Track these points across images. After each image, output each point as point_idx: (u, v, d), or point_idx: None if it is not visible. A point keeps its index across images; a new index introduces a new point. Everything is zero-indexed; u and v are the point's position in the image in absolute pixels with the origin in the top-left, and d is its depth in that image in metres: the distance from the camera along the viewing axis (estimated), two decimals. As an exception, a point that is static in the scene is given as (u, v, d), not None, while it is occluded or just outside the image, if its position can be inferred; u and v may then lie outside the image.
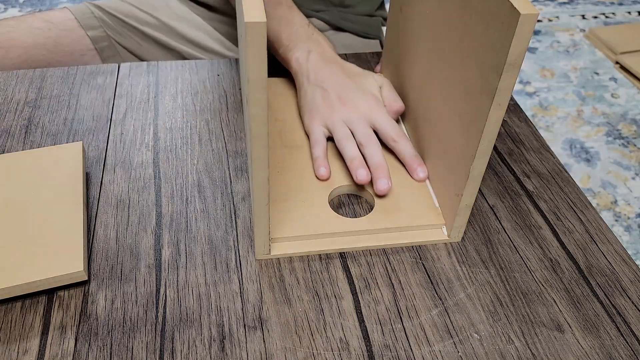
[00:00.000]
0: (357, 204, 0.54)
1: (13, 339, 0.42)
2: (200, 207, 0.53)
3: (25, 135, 0.60)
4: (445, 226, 0.51)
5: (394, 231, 0.51)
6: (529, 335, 0.44)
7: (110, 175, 0.56)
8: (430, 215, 0.52)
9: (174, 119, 0.62)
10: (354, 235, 0.50)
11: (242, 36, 0.39)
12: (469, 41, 0.43)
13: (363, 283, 0.47)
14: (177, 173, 0.56)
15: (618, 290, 0.48)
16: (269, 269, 0.48)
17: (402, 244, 0.50)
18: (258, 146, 0.40)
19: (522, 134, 0.64)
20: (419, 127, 0.56)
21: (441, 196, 0.52)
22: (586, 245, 0.52)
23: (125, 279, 0.47)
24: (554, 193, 0.57)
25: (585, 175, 1.57)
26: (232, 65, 0.71)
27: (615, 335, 0.45)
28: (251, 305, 0.45)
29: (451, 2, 0.46)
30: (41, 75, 0.68)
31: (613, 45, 2.02)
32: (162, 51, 0.85)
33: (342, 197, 0.55)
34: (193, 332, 0.43)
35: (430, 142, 0.54)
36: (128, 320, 0.44)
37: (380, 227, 0.50)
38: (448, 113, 0.49)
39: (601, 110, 1.80)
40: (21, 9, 2.16)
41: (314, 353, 0.42)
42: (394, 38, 0.62)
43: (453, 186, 0.48)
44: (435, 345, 0.43)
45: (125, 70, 0.69)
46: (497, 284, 0.48)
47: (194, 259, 0.48)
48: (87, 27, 0.81)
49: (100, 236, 0.50)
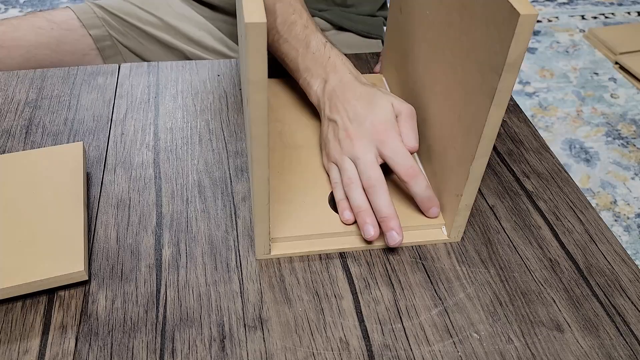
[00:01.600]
0: None
1: (13, 338, 0.42)
2: (200, 207, 0.53)
3: (25, 136, 0.60)
4: (445, 226, 0.51)
5: None
6: (529, 335, 0.44)
7: (111, 175, 0.56)
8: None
9: (175, 119, 0.62)
10: (354, 235, 0.50)
11: (242, 37, 0.39)
12: (468, 42, 0.43)
13: (363, 283, 0.47)
14: (178, 173, 0.56)
15: (617, 290, 0.48)
16: (269, 268, 0.48)
17: (402, 244, 0.50)
18: (258, 146, 0.40)
19: (522, 134, 0.64)
20: (419, 127, 0.56)
21: (441, 196, 0.52)
22: (586, 245, 0.52)
23: (125, 278, 0.47)
24: (553, 193, 0.57)
25: (584, 175, 1.57)
26: (233, 65, 0.71)
27: (614, 335, 0.45)
28: (251, 305, 0.45)
29: (451, 2, 0.46)
30: (42, 75, 0.68)
31: (612, 45, 2.02)
32: (164, 51, 0.85)
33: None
34: (193, 331, 0.43)
35: (430, 142, 0.54)
36: (128, 320, 0.44)
37: None
38: (448, 113, 0.49)
39: (601, 111, 1.80)
40: (22, 9, 2.16)
41: (314, 353, 0.42)
42: (394, 38, 0.63)
43: (453, 186, 0.49)
44: (435, 345, 0.43)
45: (125, 71, 0.69)
46: (496, 284, 0.48)
47: (194, 259, 0.48)
48: (89, 26, 0.81)
49: (100, 236, 0.50)
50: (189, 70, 0.70)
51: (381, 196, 0.49)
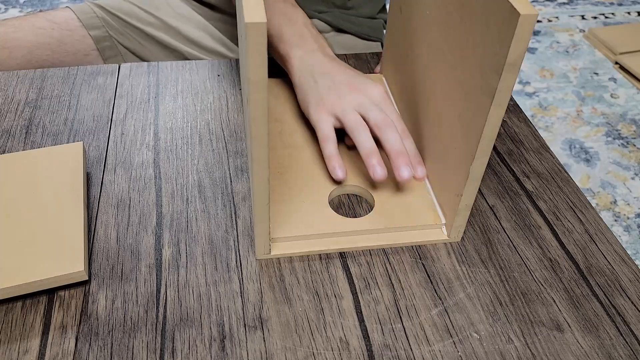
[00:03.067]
0: (357, 204, 0.54)
1: (13, 338, 0.43)
2: (200, 207, 0.53)
3: (25, 136, 0.60)
4: (445, 226, 0.51)
5: (393, 231, 0.51)
6: (529, 335, 0.44)
7: (111, 175, 0.56)
8: (430, 215, 0.52)
9: (175, 119, 0.62)
10: (354, 235, 0.50)
11: (242, 37, 0.39)
12: (468, 42, 0.43)
13: (363, 283, 0.47)
14: (178, 173, 0.56)
15: (617, 290, 0.48)
16: (269, 268, 0.48)
17: (402, 244, 0.50)
18: (258, 146, 0.40)
19: (522, 134, 0.64)
20: (419, 128, 0.56)
21: (441, 196, 0.52)
22: (586, 245, 0.52)
23: (125, 278, 0.47)
24: (553, 193, 0.57)
25: (584, 175, 1.57)
26: (233, 65, 0.71)
27: (614, 335, 0.45)
28: (251, 305, 0.45)
29: (451, 2, 0.46)
30: (42, 75, 0.68)
31: (612, 45, 2.02)
32: (164, 52, 0.85)
33: (342, 197, 0.55)
34: (193, 331, 0.43)
35: (430, 142, 0.54)
36: (129, 320, 0.44)
37: (380, 227, 0.50)
38: (447, 114, 0.49)
39: (601, 111, 1.80)
40: (22, 9, 2.16)
41: (314, 353, 0.42)
42: (394, 39, 0.63)
43: (453, 186, 0.49)
44: (435, 345, 0.43)
45: (125, 71, 0.69)
46: (496, 284, 0.48)
47: (194, 259, 0.48)
48: (89, 26, 0.81)
49: (100, 236, 0.50)
50: (189, 70, 0.70)
51: (392, 132, 0.51)
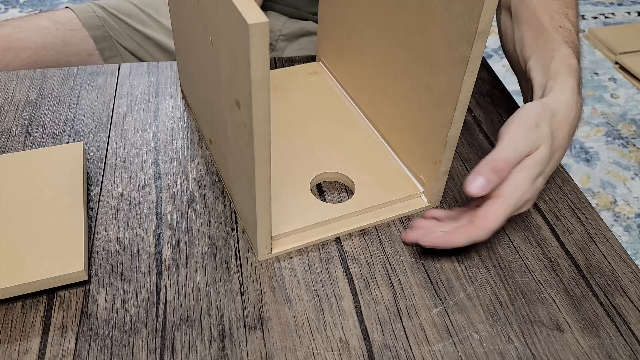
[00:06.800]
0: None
1: (13, 338, 0.42)
2: (200, 207, 0.53)
3: (25, 136, 0.60)
4: (424, 194, 0.54)
5: (380, 207, 0.53)
6: (529, 335, 0.44)
7: (111, 175, 0.56)
8: (409, 186, 0.55)
9: (175, 119, 0.62)
10: (346, 219, 0.52)
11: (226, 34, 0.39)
12: (426, 17, 0.45)
13: (363, 283, 0.47)
14: (178, 173, 0.56)
15: (617, 290, 0.48)
16: (269, 268, 0.48)
17: (391, 218, 0.52)
18: (261, 147, 0.40)
19: (522, 134, 0.64)
20: (380, 108, 0.58)
21: (417, 166, 0.54)
22: (585, 245, 0.52)
23: (125, 278, 0.47)
24: (553, 193, 0.57)
25: (584, 175, 1.57)
26: (232, 65, 0.71)
27: (614, 335, 0.45)
28: (251, 305, 0.45)
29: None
30: (42, 75, 0.68)
31: (612, 45, 2.02)
32: (163, 54, 0.85)
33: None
34: (193, 331, 0.43)
35: (396, 119, 0.55)
36: (128, 320, 0.44)
37: (367, 207, 0.52)
38: (413, 88, 0.50)
39: (601, 111, 1.80)
40: (22, 9, 2.16)
41: (314, 353, 0.42)
42: (330, 24, 0.63)
43: (430, 154, 0.51)
44: (435, 345, 0.43)
45: (125, 71, 0.69)
46: (496, 284, 0.48)
47: (194, 259, 0.48)
48: (89, 26, 0.81)
49: (100, 236, 0.50)
50: (189, 70, 0.70)
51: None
